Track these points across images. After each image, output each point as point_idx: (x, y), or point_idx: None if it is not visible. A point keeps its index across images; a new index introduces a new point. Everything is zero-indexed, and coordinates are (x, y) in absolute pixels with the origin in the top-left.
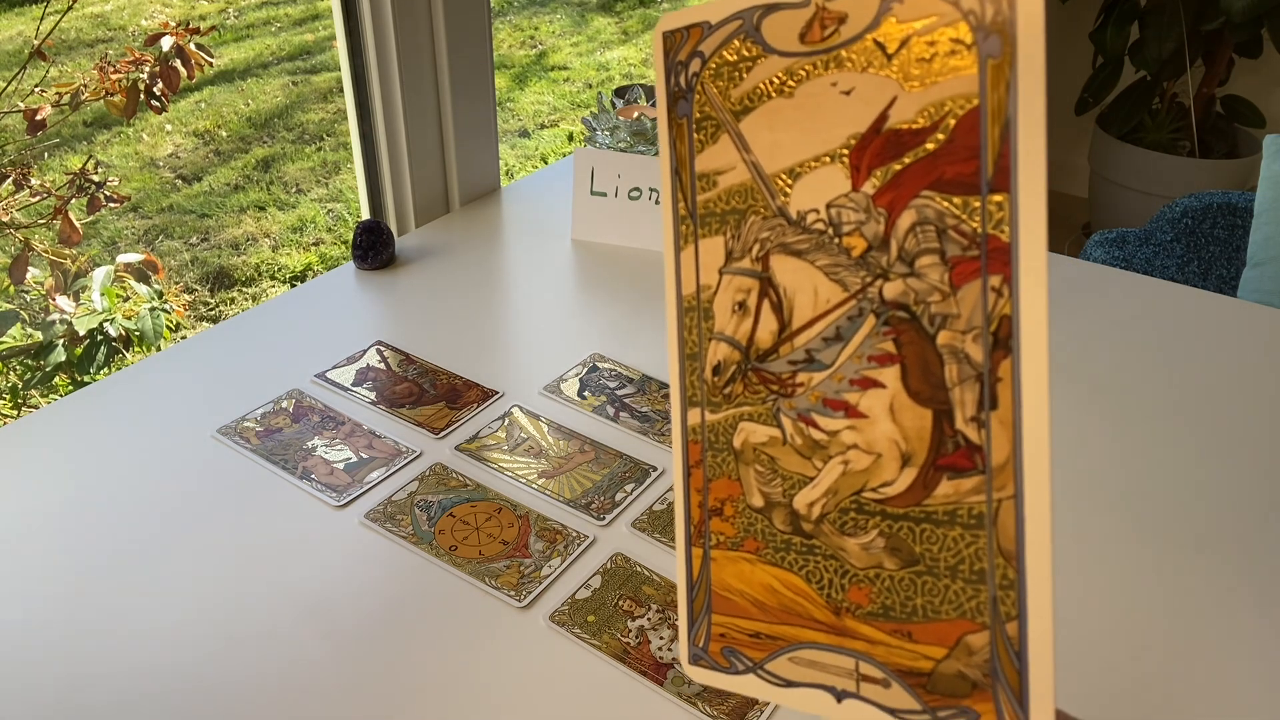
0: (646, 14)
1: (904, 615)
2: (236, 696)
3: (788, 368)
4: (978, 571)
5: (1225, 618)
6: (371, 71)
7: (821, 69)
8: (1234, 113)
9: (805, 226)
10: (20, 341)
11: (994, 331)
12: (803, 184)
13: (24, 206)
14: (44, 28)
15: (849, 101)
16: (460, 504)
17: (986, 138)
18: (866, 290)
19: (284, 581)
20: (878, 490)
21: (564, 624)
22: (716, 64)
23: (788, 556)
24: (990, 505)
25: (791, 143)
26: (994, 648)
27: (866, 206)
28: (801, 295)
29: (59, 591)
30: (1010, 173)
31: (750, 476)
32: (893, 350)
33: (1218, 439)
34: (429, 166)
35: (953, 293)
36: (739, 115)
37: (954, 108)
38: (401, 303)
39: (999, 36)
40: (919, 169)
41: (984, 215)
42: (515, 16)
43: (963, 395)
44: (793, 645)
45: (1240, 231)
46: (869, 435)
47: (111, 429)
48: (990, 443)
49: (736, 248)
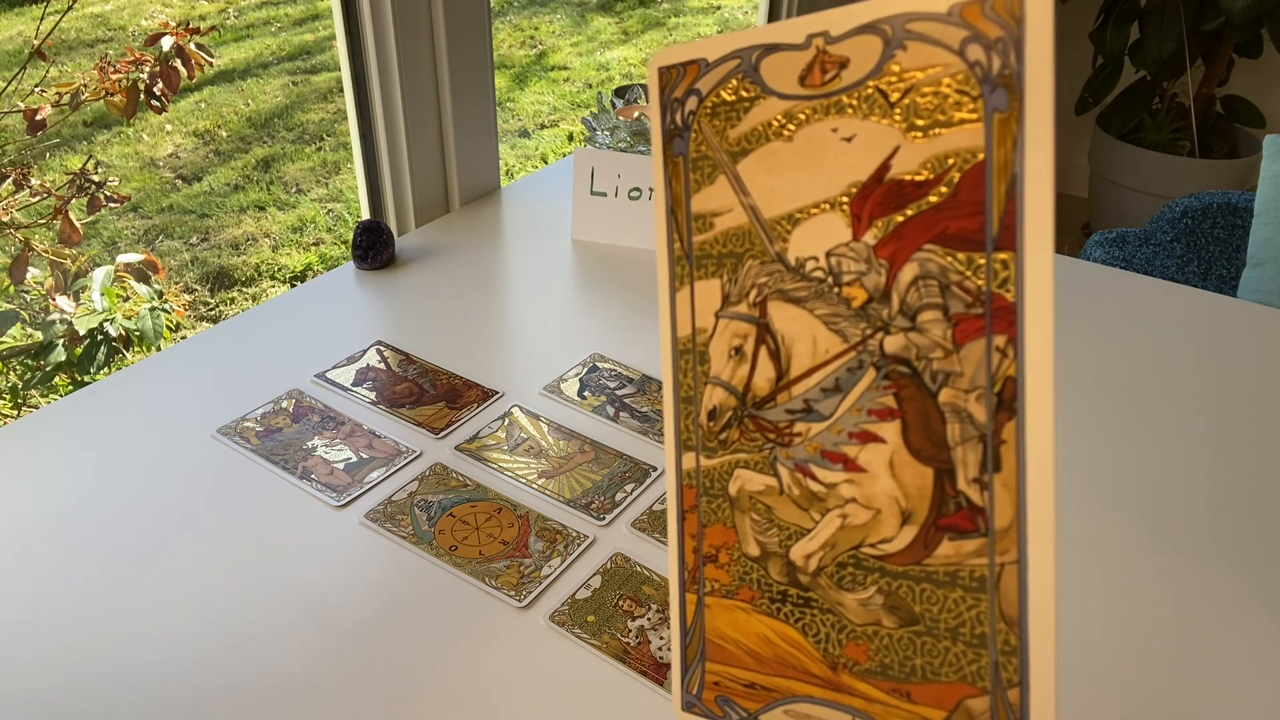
0: (646, 14)
1: (903, 675)
2: (236, 696)
3: (785, 417)
4: (979, 635)
5: (1224, 617)
6: (371, 71)
7: (822, 114)
8: (1234, 113)
9: (804, 274)
10: (20, 341)
11: (998, 392)
12: (802, 230)
13: (24, 206)
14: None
15: (850, 149)
16: (460, 504)
17: (992, 194)
18: (867, 342)
19: (284, 581)
20: (877, 546)
21: (564, 624)
22: (714, 103)
23: (784, 608)
24: (993, 569)
25: (791, 187)
26: (994, 713)
27: (868, 257)
28: (800, 344)
29: (59, 591)
30: (1016, 230)
31: (746, 525)
32: (893, 405)
33: (1217, 439)
34: (429, 166)
35: (956, 350)
36: (736, 157)
37: (959, 161)
38: (401, 303)
39: (1006, 90)
40: (922, 222)
41: (989, 273)
42: (515, 16)
43: (965, 455)
44: (788, 698)
45: (1240, 231)
46: (868, 490)
47: (111, 429)
48: (993, 505)
49: (733, 291)
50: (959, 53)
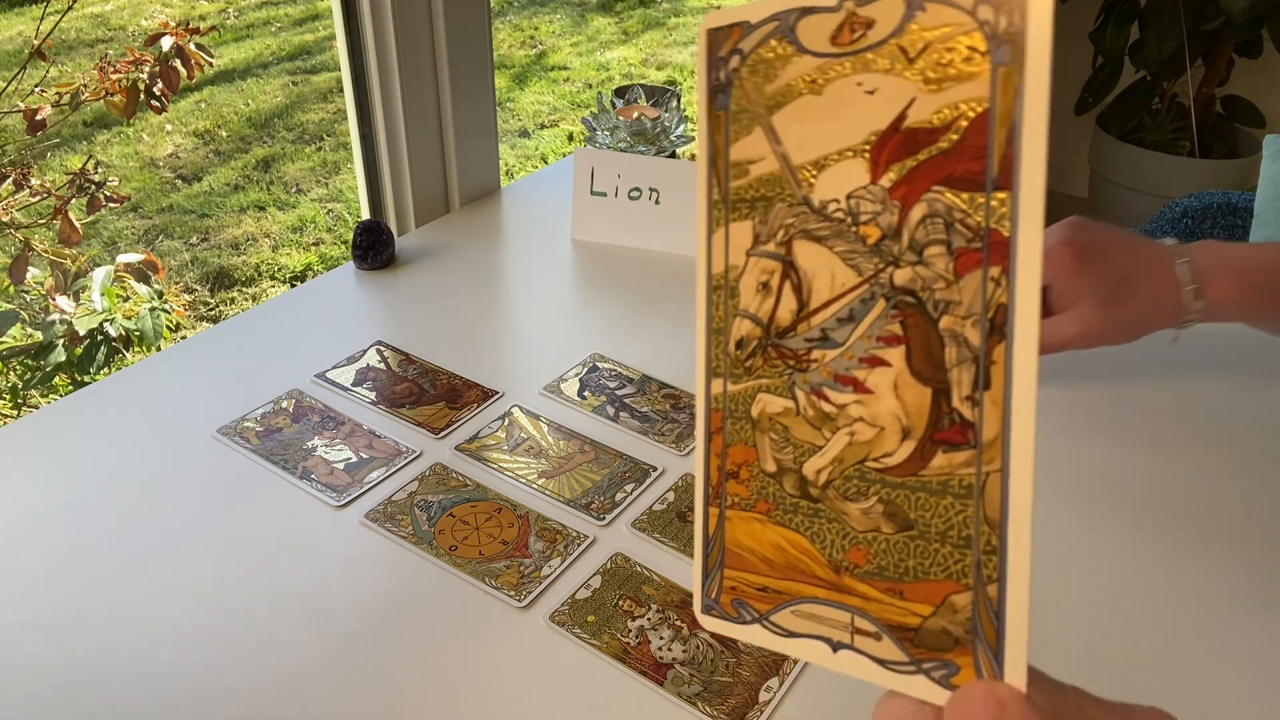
0: (646, 14)
1: (897, 575)
2: (236, 696)
3: (804, 345)
4: (965, 537)
5: (1218, 615)
6: (371, 71)
7: (849, 69)
8: (1234, 113)
9: (826, 215)
10: (20, 341)
11: (991, 318)
12: (826, 175)
13: (24, 206)
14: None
15: (872, 100)
16: (460, 504)
17: (994, 139)
18: (879, 276)
19: (284, 581)
20: (879, 460)
21: (564, 624)
22: (754, 61)
23: (795, 518)
24: (979, 477)
25: (818, 137)
26: (976, 607)
27: (883, 199)
28: (820, 278)
29: (58, 591)
30: (1014, 172)
31: (765, 444)
32: (899, 332)
33: (1217, 438)
34: (429, 166)
35: (956, 281)
36: (772, 110)
37: (966, 110)
38: (401, 303)
39: (1010, 46)
40: (932, 165)
41: (987, 211)
42: (515, 16)
43: (960, 376)
44: (796, 599)
45: (1240, 231)
46: (874, 409)
47: (111, 429)
48: (982, 420)
49: (763, 232)
50: (971, 12)
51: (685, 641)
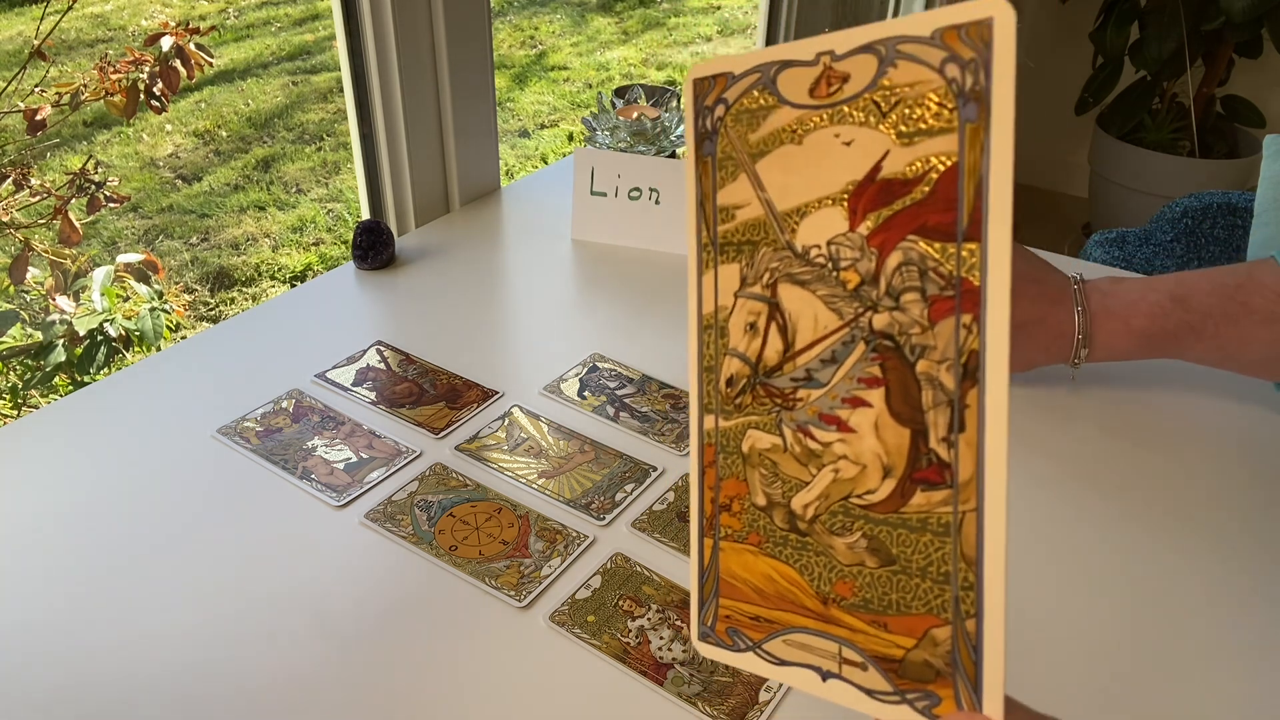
0: (646, 14)
1: (881, 608)
2: (236, 696)
3: (790, 384)
4: (943, 573)
5: (1211, 616)
6: (371, 71)
7: (827, 121)
8: (1234, 113)
9: (809, 260)
10: (20, 341)
11: (964, 364)
12: (808, 222)
13: (24, 206)
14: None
15: (849, 151)
16: (460, 504)
17: (963, 192)
18: (859, 320)
19: (284, 581)
20: (862, 497)
21: (564, 624)
22: (738, 110)
23: (785, 550)
24: (956, 516)
25: (799, 185)
26: (955, 641)
27: (861, 245)
28: (804, 320)
29: (58, 591)
30: (982, 224)
31: (755, 478)
32: (879, 374)
33: (1216, 438)
34: (429, 166)
35: (930, 327)
36: (755, 157)
37: (937, 163)
38: (401, 303)
39: (976, 103)
40: (906, 215)
41: (958, 260)
42: (515, 16)
43: (936, 418)
44: (786, 629)
45: (1240, 231)
46: (857, 448)
47: (111, 429)
48: (958, 461)
49: (750, 275)
50: (939, 70)
51: (685, 641)
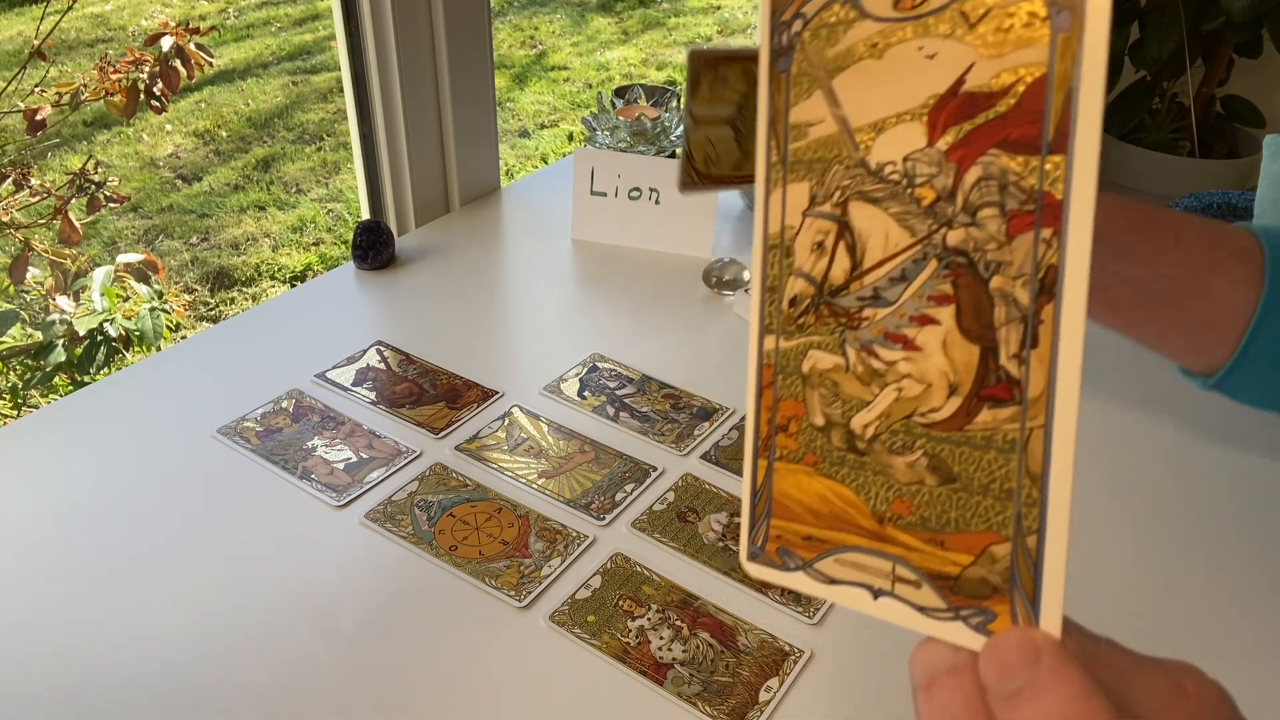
0: (646, 14)
1: (939, 526)
2: (236, 696)
3: (856, 303)
4: (1006, 490)
5: (1210, 608)
6: (371, 71)
7: (910, 34)
8: (1234, 113)
9: (883, 177)
10: (20, 341)
11: (1041, 278)
12: (884, 138)
13: (24, 206)
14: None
15: (932, 65)
16: (460, 504)
17: (1050, 104)
18: (931, 237)
19: (284, 581)
20: (925, 415)
21: (564, 624)
22: (816, 25)
23: (841, 470)
24: (1023, 432)
25: (878, 100)
26: (1014, 557)
27: (939, 161)
28: (874, 238)
29: (58, 591)
30: (1069, 137)
31: (815, 399)
32: (950, 291)
33: (1216, 438)
34: (429, 166)
35: (1008, 242)
36: (832, 73)
37: (1024, 75)
38: (401, 303)
39: (1070, 12)
40: (988, 129)
41: (1041, 174)
42: (515, 16)
43: (1008, 334)
44: (839, 548)
45: None
46: (922, 366)
47: (111, 429)
48: (1028, 377)
49: (820, 193)
50: None
51: (685, 641)
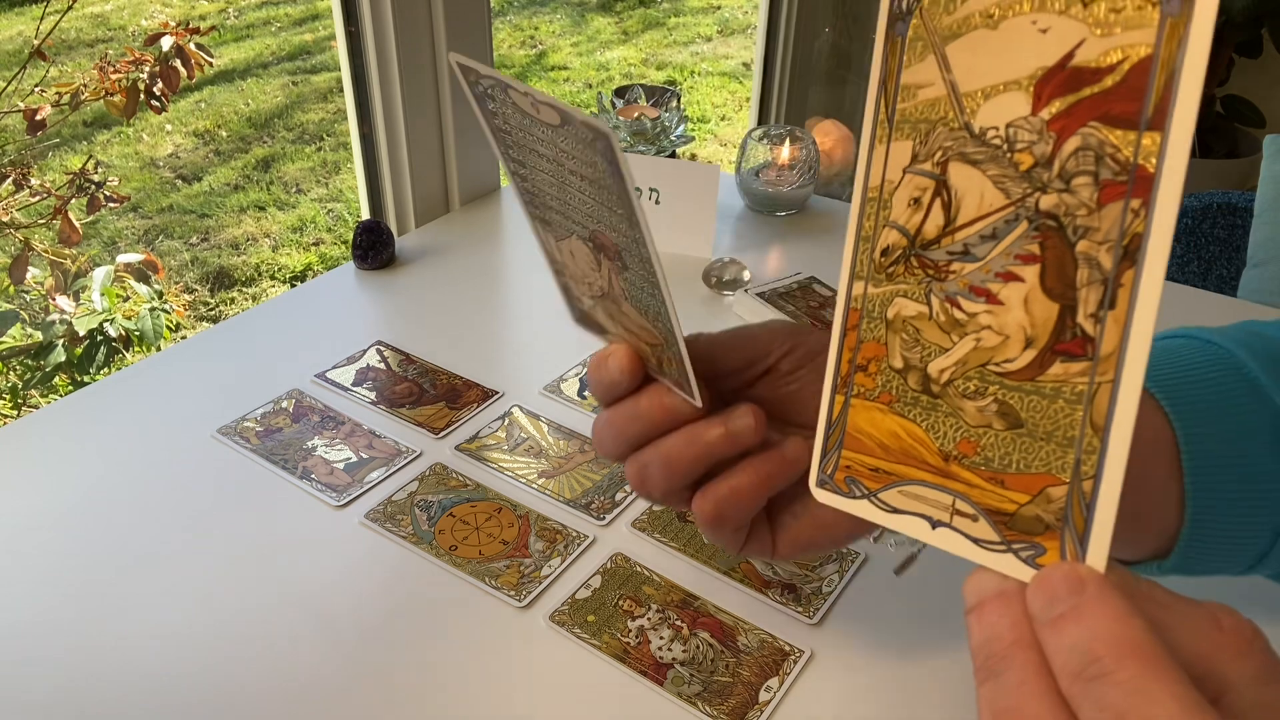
0: (646, 14)
1: (1001, 467)
2: (236, 696)
3: (946, 257)
4: (1069, 438)
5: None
6: (371, 71)
7: (1026, 8)
8: (1234, 113)
9: (984, 140)
10: (20, 341)
11: (1125, 245)
12: (990, 104)
13: (24, 206)
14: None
15: (1044, 38)
16: (460, 504)
17: (1154, 83)
18: (1025, 200)
19: (284, 581)
20: (1000, 365)
21: (564, 624)
22: None
23: (914, 410)
24: (1091, 386)
25: (987, 68)
26: (1070, 499)
27: (1040, 129)
28: (969, 198)
29: (58, 591)
30: (1167, 115)
31: (896, 343)
32: (1037, 252)
33: None
34: (429, 166)
35: (1098, 210)
36: (946, 40)
37: (1131, 54)
38: (401, 303)
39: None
40: (1091, 102)
41: (1137, 147)
42: (515, 16)
43: (1088, 295)
44: (904, 481)
45: (1240, 231)
46: (1002, 320)
47: (111, 429)
48: (1102, 335)
49: (922, 152)
50: None
51: (685, 641)
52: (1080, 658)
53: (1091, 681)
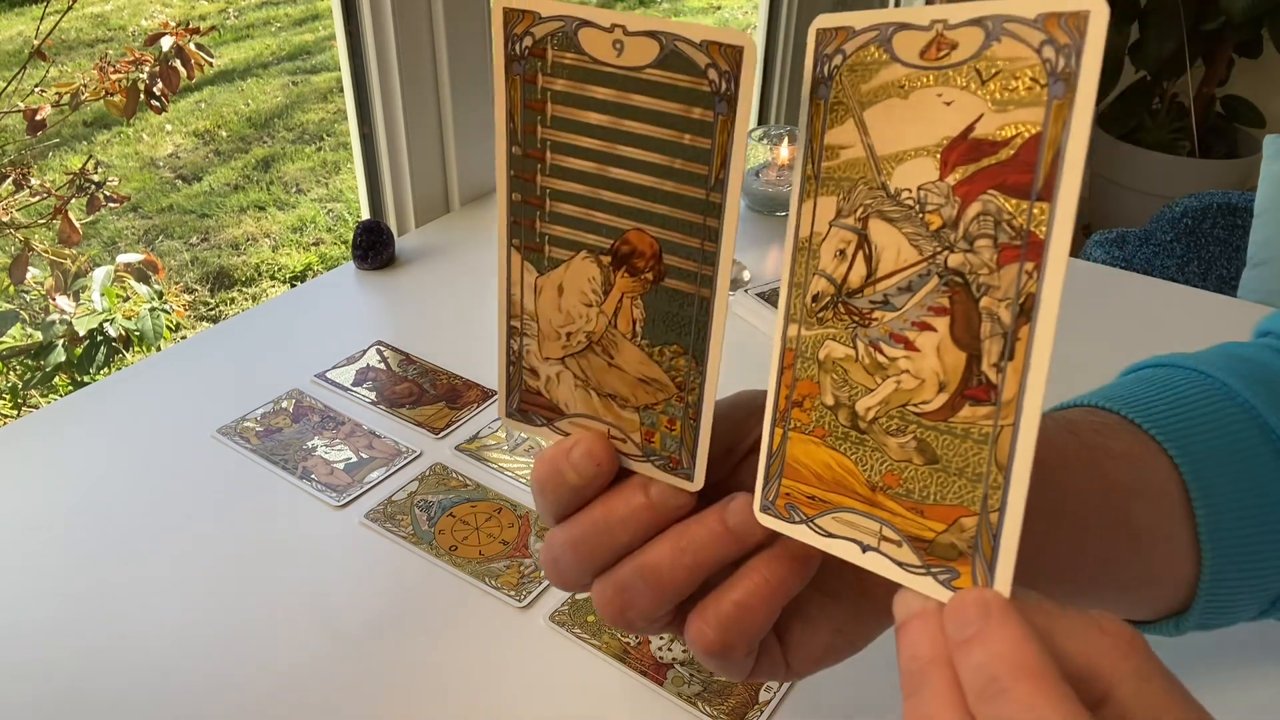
0: (646, 14)
1: (920, 498)
2: (236, 696)
3: (868, 305)
4: (978, 474)
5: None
6: (371, 71)
7: (932, 81)
8: (1234, 113)
9: (899, 201)
10: (20, 341)
11: (1021, 304)
12: (903, 168)
13: (24, 206)
14: (44, 28)
15: (948, 110)
16: (460, 504)
17: (1042, 158)
18: (935, 257)
19: (284, 581)
20: (918, 406)
21: (564, 624)
22: (853, 62)
23: (844, 444)
24: (995, 429)
25: (900, 134)
26: (979, 529)
27: (947, 194)
28: (888, 252)
29: (58, 591)
30: (1054, 188)
31: (827, 382)
32: (946, 305)
33: None
34: (429, 166)
35: (997, 270)
36: (864, 106)
37: (1023, 130)
38: (401, 303)
39: (1065, 84)
40: (990, 172)
41: (1029, 216)
42: None
43: (990, 346)
44: (837, 508)
45: (1240, 231)
46: (919, 365)
47: (111, 429)
48: (1004, 384)
49: (845, 208)
50: (1037, 51)
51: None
52: (983, 677)
53: (991, 699)
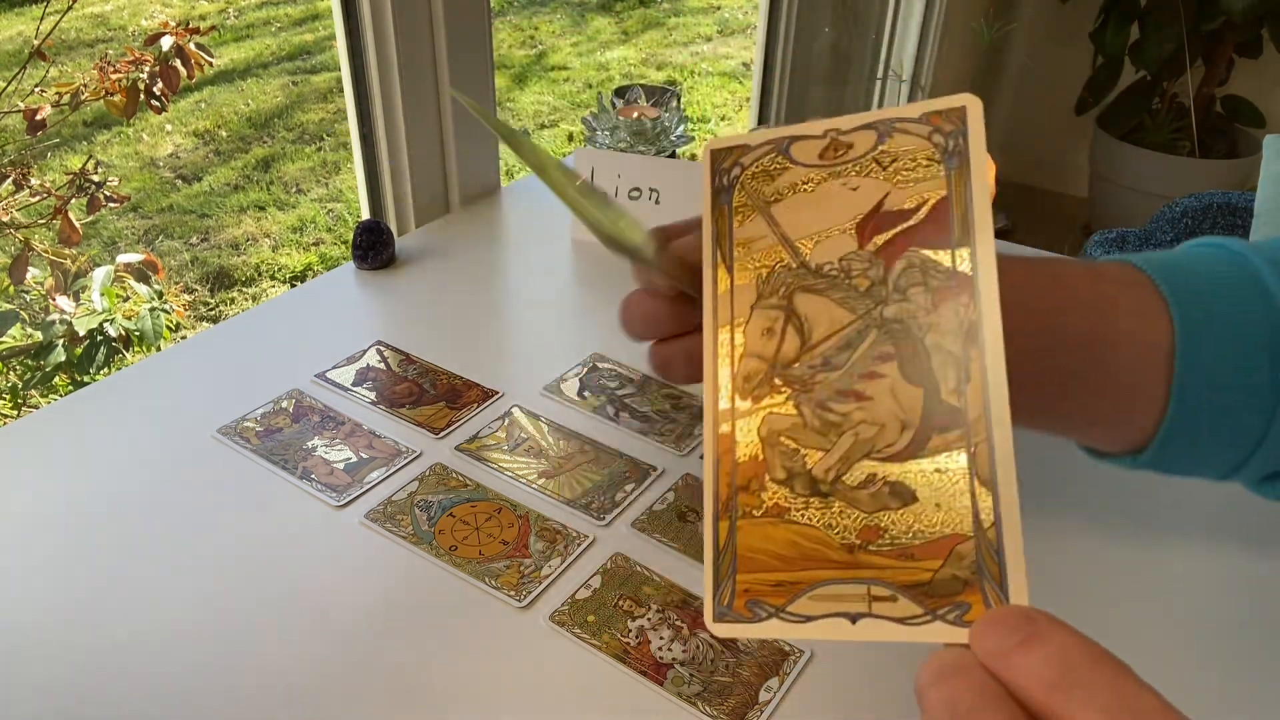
0: (646, 14)
1: (907, 541)
2: (235, 696)
3: (808, 371)
4: (963, 498)
5: (1218, 618)
6: (371, 71)
7: (834, 177)
8: (1234, 113)
9: (823, 274)
10: (20, 341)
11: (966, 331)
12: (821, 246)
13: (24, 206)
14: (44, 28)
15: (855, 195)
16: (460, 504)
17: (954, 215)
18: (870, 312)
19: (284, 581)
20: (883, 450)
21: (564, 624)
22: (754, 170)
23: (807, 513)
24: (970, 448)
25: (812, 220)
26: (979, 549)
27: (870, 258)
28: (820, 319)
29: (58, 592)
30: (970, 234)
31: (774, 456)
32: (891, 350)
33: None
34: (429, 166)
35: (935, 309)
36: (770, 204)
37: (930, 197)
38: (401, 303)
39: (958, 158)
40: (907, 234)
41: (954, 259)
42: (515, 16)
43: (945, 374)
44: (812, 585)
45: (1240, 231)
46: (874, 412)
47: (111, 429)
48: (967, 404)
49: (765, 290)
50: (928, 139)
51: (685, 641)
52: (1057, 667)
53: (1070, 688)
